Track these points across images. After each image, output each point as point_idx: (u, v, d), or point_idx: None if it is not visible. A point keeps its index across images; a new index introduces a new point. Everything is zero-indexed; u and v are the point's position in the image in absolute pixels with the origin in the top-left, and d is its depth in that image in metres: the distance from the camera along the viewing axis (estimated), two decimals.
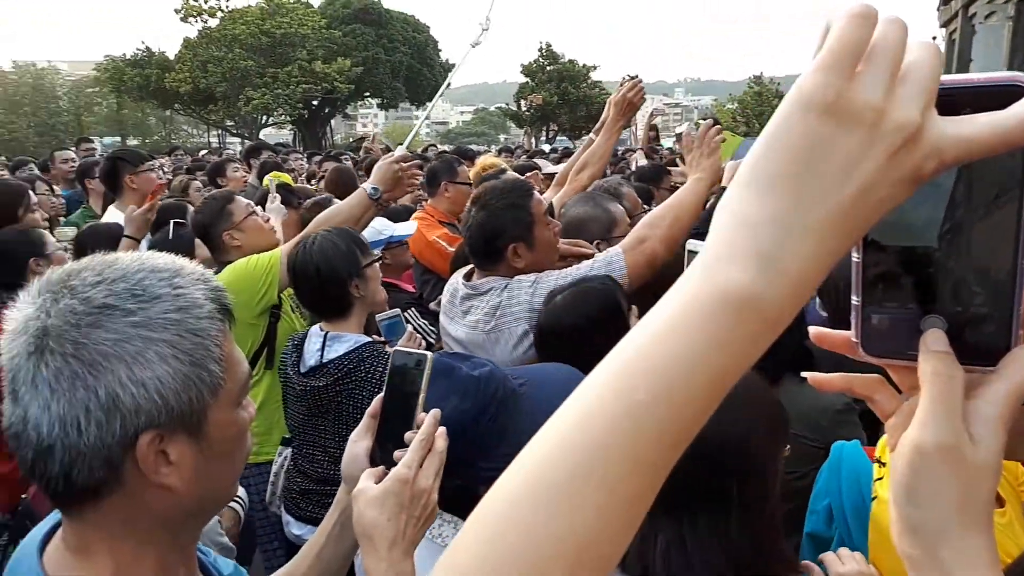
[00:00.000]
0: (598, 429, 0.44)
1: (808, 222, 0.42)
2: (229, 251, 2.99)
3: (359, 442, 1.14)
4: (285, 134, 46.92)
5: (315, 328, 2.44)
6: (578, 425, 0.45)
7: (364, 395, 2.29)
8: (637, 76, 3.31)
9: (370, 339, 2.41)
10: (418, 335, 2.73)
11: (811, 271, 0.43)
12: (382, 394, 1.14)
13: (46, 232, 3.02)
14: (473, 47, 4.31)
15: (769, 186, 0.43)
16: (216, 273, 2.89)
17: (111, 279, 0.81)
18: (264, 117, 40.42)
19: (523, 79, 46.70)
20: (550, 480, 0.45)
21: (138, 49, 40.81)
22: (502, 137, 77.09)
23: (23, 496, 2.34)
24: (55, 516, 0.92)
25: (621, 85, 3.26)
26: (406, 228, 3.63)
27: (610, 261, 2.19)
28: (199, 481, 0.86)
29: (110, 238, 3.45)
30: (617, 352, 0.46)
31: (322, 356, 2.34)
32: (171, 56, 39.82)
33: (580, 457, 0.44)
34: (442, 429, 1.08)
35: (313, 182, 7.12)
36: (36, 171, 7.62)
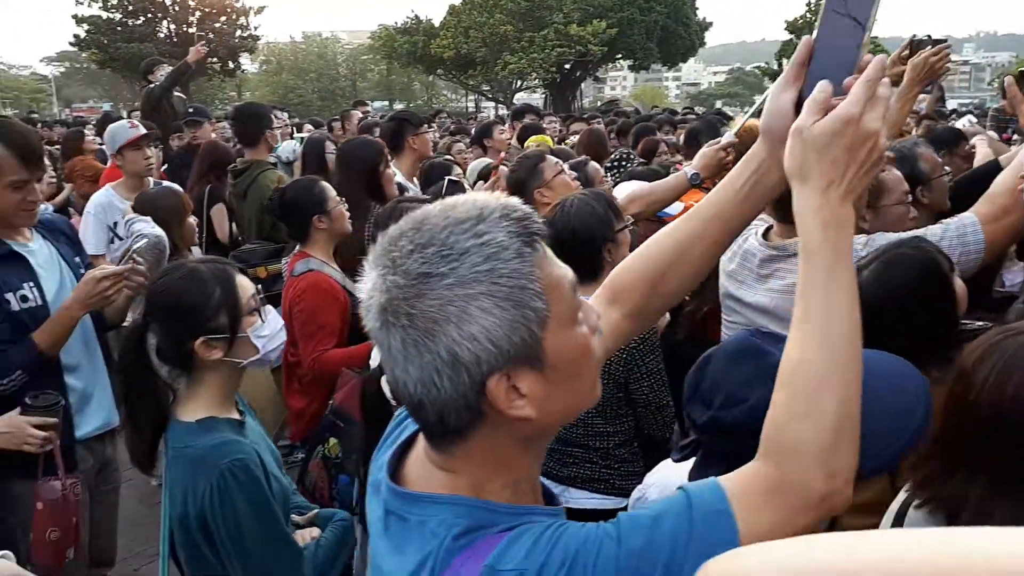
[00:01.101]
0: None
1: None
2: (540, 207, 3.11)
3: (782, 94, 1.04)
4: (536, 98, 48.10)
5: None
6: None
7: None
8: (946, 41, 2.87)
9: None
10: None
11: None
12: (812, 35, 1.02)
13: (328, 187, 3.16)
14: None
15: None
16: None
17: (422, 244, 0.85)
18: (518, 81, 41.65)
19: (787, 36, 43.92)
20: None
21: (408, 17, 43.71)
22: (757, 98, 73.29)
23: (330, 402, 2.59)
24: (404, 432, 1.05)
25: (910, 45, 2.91)
26: (672, 206, 3.57)
27: (963, 232, 1.94)
28: (554, 403, 0.89)
29: None
30: None
31: None
32: (436, 23, 42.19)
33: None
34: (887, 79, 0.94)
35: (565, 144, 7.24)
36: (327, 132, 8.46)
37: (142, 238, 2.80)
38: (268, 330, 1.87)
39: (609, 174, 4.37)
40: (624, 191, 3.75)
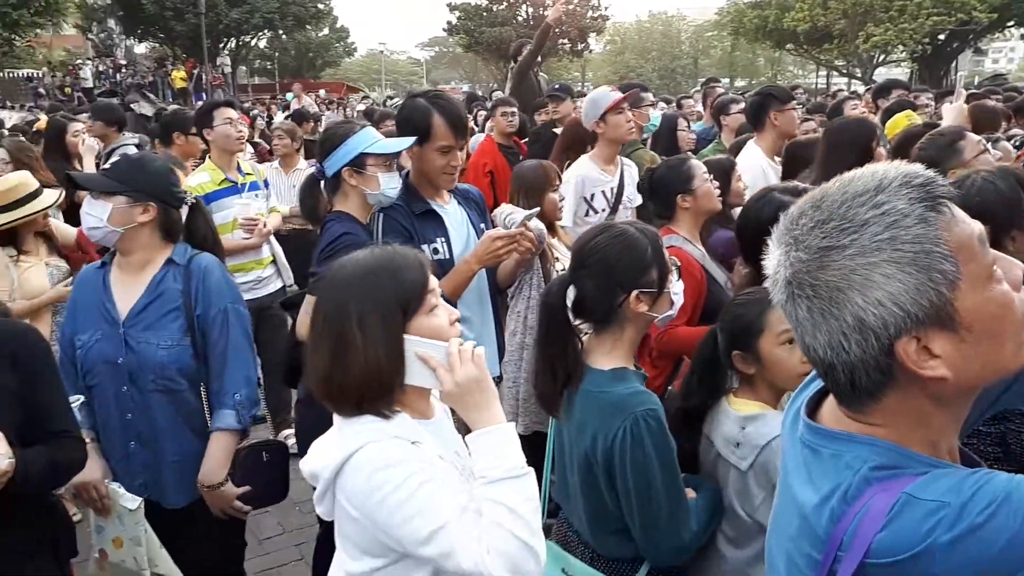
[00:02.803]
0: None
1: None
2: None
3: None
4: (900, 72, 43.47)
5: None
6: None
7: None
8: None
9: None
10: None
11: None
12: None
13: (697, 165, 3.19)
14: None
15: None
16: None
17: (821, 221, 0.91)
18: (881, 55, 38.02)
19: None
20: None
21: None
22: None
23: (668, 387, 2.69)
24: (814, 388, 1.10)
25: None
26: None
27: None
28: (971, 363, 0.90)
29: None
30: None
31: None
32: None
33: None
34: None
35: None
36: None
37: (518, 214, 3.01)
38: (678, 288, 1.97)
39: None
40: None
